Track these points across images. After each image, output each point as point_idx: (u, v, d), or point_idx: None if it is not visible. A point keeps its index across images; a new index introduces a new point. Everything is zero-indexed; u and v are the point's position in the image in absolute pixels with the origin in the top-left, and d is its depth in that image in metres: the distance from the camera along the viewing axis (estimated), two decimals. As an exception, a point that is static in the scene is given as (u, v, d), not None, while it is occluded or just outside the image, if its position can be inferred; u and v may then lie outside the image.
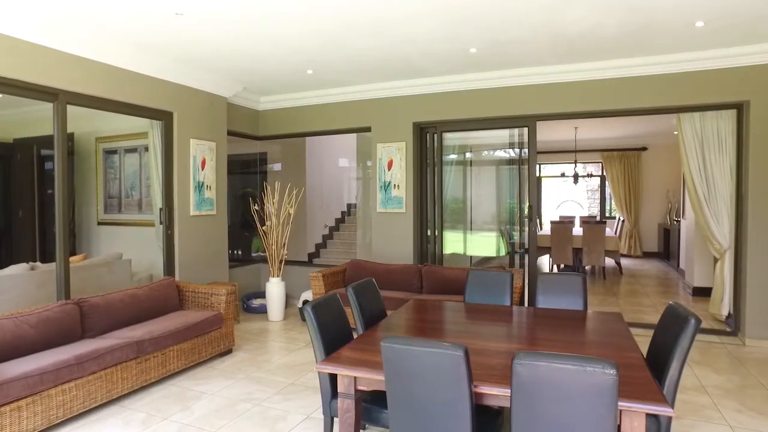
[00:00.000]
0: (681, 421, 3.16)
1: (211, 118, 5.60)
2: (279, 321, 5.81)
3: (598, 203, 12.25)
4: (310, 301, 2.66)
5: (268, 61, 4.91)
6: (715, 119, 5.02)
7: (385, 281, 5.25)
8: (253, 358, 4.48)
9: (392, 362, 1.97)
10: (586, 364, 1.70)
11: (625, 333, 2.71)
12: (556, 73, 5.16)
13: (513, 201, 6.19)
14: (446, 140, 6.09)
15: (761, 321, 4.70)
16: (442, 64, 5.05)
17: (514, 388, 1.79)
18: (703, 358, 4.39)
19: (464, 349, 1.83)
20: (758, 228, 4.69)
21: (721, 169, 5.01)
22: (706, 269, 6.67)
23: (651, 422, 2.27)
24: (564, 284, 3.33)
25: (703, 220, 5.16)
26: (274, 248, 5.79)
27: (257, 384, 3.84)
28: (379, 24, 3.95)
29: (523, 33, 4.16)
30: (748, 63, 4.61)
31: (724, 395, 3.58)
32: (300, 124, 6.55)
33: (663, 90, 4.90)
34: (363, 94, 6.03)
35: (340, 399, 2.29)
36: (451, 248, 6.39)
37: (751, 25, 4.01)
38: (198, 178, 5.39)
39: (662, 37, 4.27)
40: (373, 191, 6.08)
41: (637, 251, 10.99)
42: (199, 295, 4.58)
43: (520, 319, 3.08)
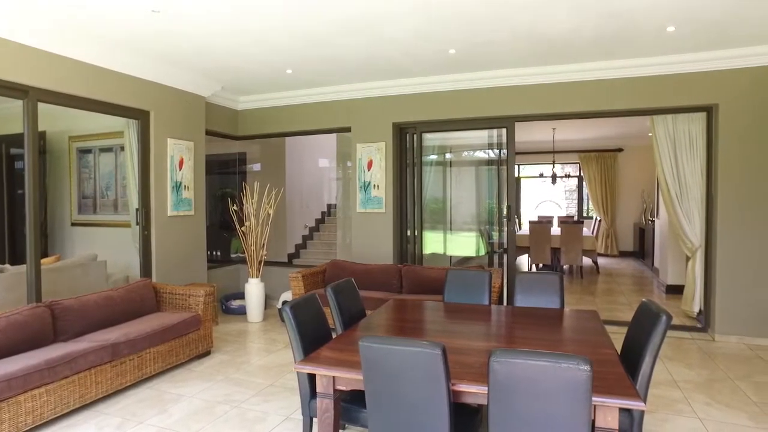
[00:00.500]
0: (654, 415, 3.23)
1: (189, 118, 5.53)
2: (258, 322, 5.77)
3: (576, 203, 12.46)
4: (289, 301, 2.65)
5: (246, 59, 4.87)
6: (687, 121, 5.15)
7: (365, 281, 5.26)
8: (232, 359, 4.43)
9: (370, 361, 1.97)
10: (561, 361, 1.73)
11: (601, 330, 2.76)
12: (534, 75, 5.24)
13: (492, 201, 6.26)
14: (426, 141, 6.12)
15: (730, 317, 4.84)
16: (422, 64, 5.08)
17: (491, 385, 1.81)
18: (675, 354, 4.50)
19: (442, 348, 1.85)
20: (727, 227, 4.83)
21: (693, 169, 5.15)
22: (678, 267, 6.84)
23: (624, 416, 2.32)
24: (541, 283, 3.38)
25: (675, 220, 5.29)
26: (253, 249, 5.75)
27: (236, 386, 3.80)
28: (360, 23, 3.96)
29: (502, 35, 4.21)
30: (716, 68, 4.75)
31: (694, 389, 3.68)
32: (279, 124, 6.51)
33: (637, 92, 5.02)
34: (343, 94, 6.03)
35: (319, 399, 2.29)
36: (431, 248, 6.42)
37: (718, 31, 4.14)
38: (175, 178, 5.32)
39: (636, 40, 4.36)
40: (353, 191, 6.08)
41: (613, 250, 11.21)
42: (176, 297, 4.51)
43: (498, 318, 3.11)
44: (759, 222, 4.73)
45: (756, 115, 4.70)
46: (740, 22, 3.96)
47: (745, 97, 4.72)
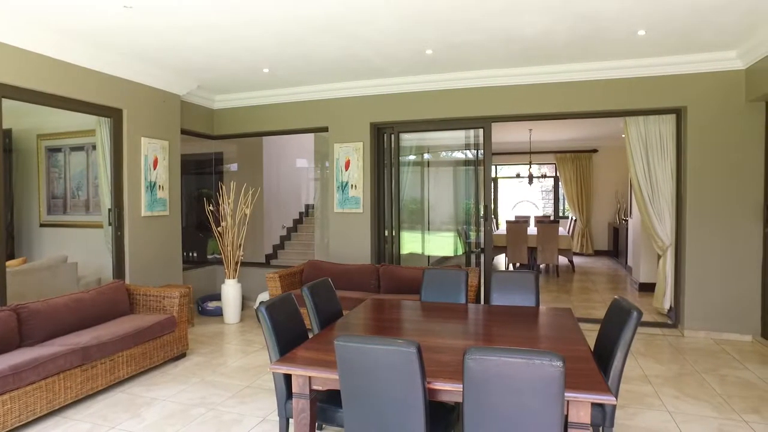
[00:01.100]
0: (625, 409, 3.30)
1: (163, 117, 5.43)
2: (235, 323, 5.70)
3: (552, 203, 12.65)
4: (264, 301, 2.62)
5: (223, 58, 4.82)
6: (658, 123, 5.28)
7: (343, 281, 5.25)
8: (208, 361, 4.37)
9: (346, 360, 1.97)
10: (534, 357, 1.75)
11: (574, 327, 2.81)
12: (510, 76, 5.30)
13: (469, 201, 6.31)
14: (403, 141, 6.14)
15: (698, 313, 4.98)
16: (399, 64, 5.10)
17: (466, 382, 1.83)
18: (647, 350, 4.60)
19: (417, 346, 1.86)
20: (695, 226, 4.97)
21: (663, 170, 5.28)
22: (650, 266, 7.00)
23: (597, 411, 2.37)
24: (517, 282, 3.42)
25: (647, 219, 5.41)
26: (229, 249, 5.68)
27: (212, 388, 3.75)
28: (338, 23, 3.95)
29: (478, 36, 4.25)
30: (685, 71, 4.88)
31: (664, 383, 3.77)
32: (256, 123, 6.45)
33: (611, 94, 5.12)
34: (320, 93, 6.00)
35: (295, 399, 2.27)
36: (409, 248, 6.45)
37: (686, 36, 4.25)
38: (150, 177, 5.22)
39: (609, 43, 4.45)
40: (331, 191, 6.06)
41: (588, 249, 11.41)
42: (150, 299, 4.43)
43: (474, 317, 3.14)
44: (725, 221, 4.87)
45: (721, 117, 4.85)
46: (707, 28, 4.08)
47: (712, 100, 4.86)
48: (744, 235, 4.83)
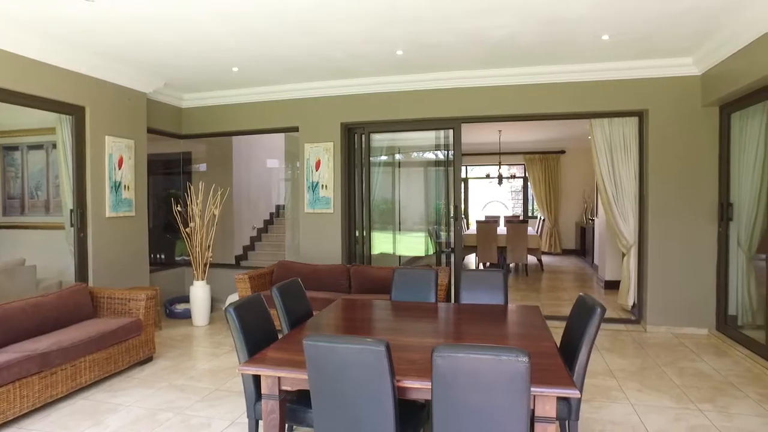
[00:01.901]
0: (590, 403, 3.39)
1: (128, 115, 5.29)
2: (204, 326, 5.60)
3: (522, 203, 12.87)
4: (232, 302, 2.59)
5: (190, 56, 4.73)
6: (621, 125, 5.44)
7: (314, 282, 5.22)
8: (176, 365, 4.28)
9: (315, 360, 1.96)
10: (501, 354, 1.78)
11: (541, 324, 2.87)
12: (480, 78, 5.37)
13: (440, 202, 6.36)
14: (374, 141, 6.15)
15: (659, 309, 5.16)
16: (370, 65, 5.10)
17: (434, 379, 1.85)
18: (612, 345, 4.74)
19: (386, 345, 1.87)
20: (657, 226, 5.14)
21: (627, 171, 5.45)
22: (615, 264, 7.19)
23: (563, 405, 2.42)
24: (486, 280, 3.46)
25: (612, 219, 5.57)
26: (198, 251, 5.58)
27: (180, 391, 3.67)
28: (308, 23, 3.93)
29: (448, 37, 4.29)
30: (646, 75, 5.05)
31: (627, 377, 3.89)
32: (226, 122, 6.36)
33: (577, 96, 5.25)
34: (290, 93, 5.96)
35: (264, 400, 2.25)
36: (380, 248, 6.46)
37: (647, 41, 4.40)
38: (114, 177, 5.08)
39: (575, 47, 4.57)
40: (301, 192, 6.03)
41: (556, 249, 11.66)
42: (115, 302, 4.31)
43: (443, 315, 3.17)
44: (683, 221, 5.06)
45: (679, 121, 5.03)
46: (665, 34, 4.23)
47: (671, 104, 5.04)
48: (701, 234, 5.03)
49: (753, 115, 4.49)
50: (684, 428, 3.05)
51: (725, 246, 4.91)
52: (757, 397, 3.50)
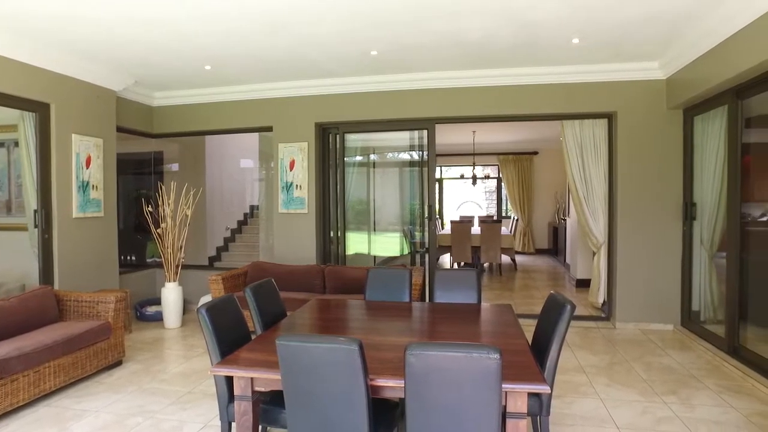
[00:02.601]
0: (562, 399, 3.46)
1: (97, 113, 5.16)
2: (176, 328, 5.50)
3: (495, 204, 13.04)
4: (205, 303, 2.56)
5: (162, 53, 4.64)
6: (592, 127, 5.57)
7: (288, 282, 5.18)
8: (147, 368, 4.19)
9: (288, 360, 1.95)
10: (473, 351, 1.81)
11: (514, 322, 2.91)
12: (454, 79, 5.43)
13: (415, 202, 6.40)
14: (349, 141, 6.15)
15: (627, 306, 5.30)
16: (344, 65, 5.10)
17: (407, 377, 1.86)
18: (583, 342, 4.85)
19: (358, 343, 1.87)
20: (625, 225, 5.28)
21: (597, 171, 5.58)
22: (586, 263, 7.36)
23: (534, 401, 2.46)
24: (459, 280, 3.50)
25: (583, 218, 5.70)
26: (169, 252, 5.47)
27: (150, 395, 3.60)
28: (282, 21, 3.90)
29: (423, 38, 4.32)
30: (615, 78, 5.19)
31: (597, 373, 3.99)
32: (198, 122, 6.26)
33: (549, 98, 5.36)
34: (264, 92, 5.91)
35: (237, 402, 2.23)
36: (355, 249, 6.46)
37: (615, 46, 4.53)
38: (82, 177, 4.95)
39: (547, 50, 4.66)
40: (275, 192, 5.98)
41: (530, 248, 11.85)
42: (83, 305, 4.19)
43: (417, 314, 3.19)
44: (650, 220, 5.22)
45: (646, 123, 5.19)
46: (633, 40, 4.36)
47: (638, 107, 5.19)
48: (666, 233, 5.19)
49: (713, 119, 4.66)
50: (650, 420, 3.14)
51: (689, 244, 5.08)
52: (716, 389, 3.65)
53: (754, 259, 4.20)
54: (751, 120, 4.24)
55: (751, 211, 4.28)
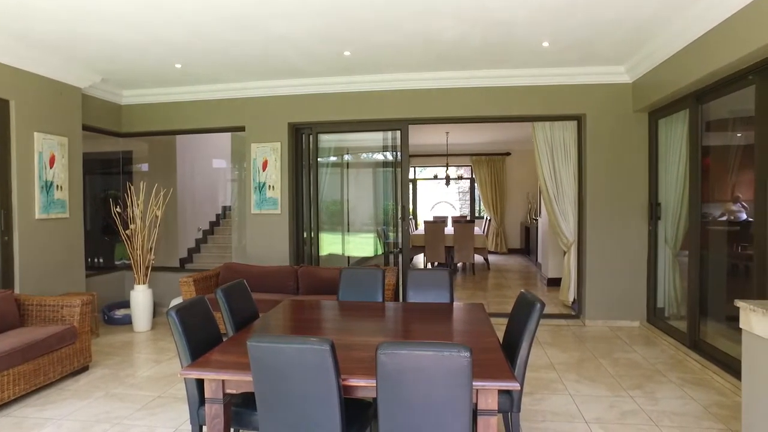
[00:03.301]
0: (532, 396, 3.53)
1: (61, 110, 5.01)
2: (146, 331, 5.38)
3: (469, 204, 13.18)
4: (175, 305, 2.51)
5: (129, 49, 4.53)
6: (562, 129, 5.69)
7: (261, 283, 5.14)
8: (114, 373, 4.09)
9: (259, 361, 1.94)
10: (443, 349, 1.83)
11: (485, 321, 2.95)
12: (427, 80, 5.47)
13: (389, 202, 6.42)
14: (323, 142, 6.14)
15: (596, 304, 5.43)
16: (318, 65, 5.08)
17: (379, 376, 1.87)
18: (553, 340, 4.95)
19: (330, 343, 1.87)
20: (594, 224, 5.42)
21: (567, 172, 5.70)
22: (557, 262, 7.51)
23: (505, 398, 2.50)
24: (431, 279, 3.53)
25: (553, 218, 5.82)
26: (139, 253, 5.35)
27: (118, 401, 3.52)
28: (254, 20, 3.86)
29: (396, 39, 4.34)
30: (584, 81, 5.31)
31: (567, 369, 4.08)
32: (169, 121, 6.15)
33: (520, 100, 5.45)
34: (237, 92, 5.84)
35: (208, 405, 2.20)
36: (328, 249, 6.44)
37: (583, 49, 4.64)
38: (45, 177, 4.79)
39: (518, 52, 4.74)
40: (248, 192, 5.91)
41: (502, 248, 12.01)
42: (46, 309, 4.06)
43: (390, 314, 3.21)
44: (618, 220, 5.36)
45: (614, 125, 5.33)
46: (600, 44, 4.47)
47: (606, 110, 5.33)
48: (633, 233, 5.35)
49: (676, 122, 4.82)
50: (616, 414, 3.23)
51: (654, 243, 5.24)
52: (678, 381, 3.79)
53: (713, 257, 4.37)
54: (710, 124, 4.41)
55: (711, 211, 4.45)
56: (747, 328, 2.34)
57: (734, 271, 4.27)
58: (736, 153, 4.26)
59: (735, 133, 4.31)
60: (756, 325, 2.26)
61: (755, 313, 2.26)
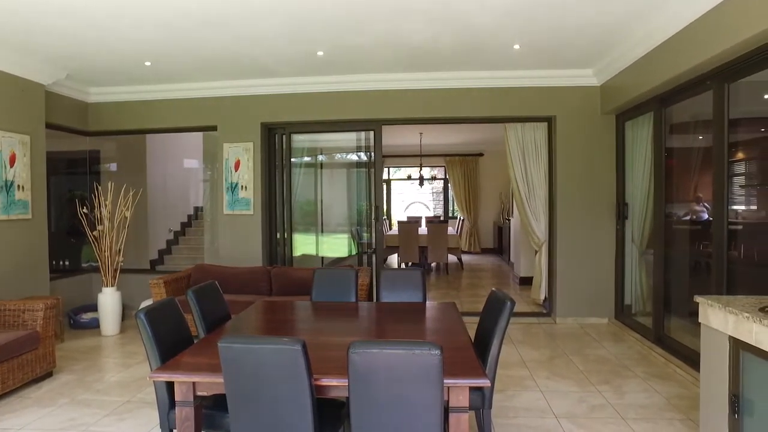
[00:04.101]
0: (504, 392, 3.59)
1: (22, 107, 4.85)
2: (114, 335, 5.26)
3: (443, 204, 13.29)
4: (144, 307, 2.47)
5: (96, 46, 4.41)
6: (533, 130, 5.80)
7: (234, 285, 5.08)
8: (81, 378, 3.98)
9: (230, 362, 1.92)
10: (414, 348, 1.85)
11: (457, 320, 2.99)
12: (400, 81, 5.50)
13: (362, 203, 6.43)
14: (296, 142, 6.11)
15: (567, 302, 5.56)
16: (290, 65, 5.06)
17: (351, 376, 1.88)
18: (525, 338, 5.03)
19: (302, 343, 1.87)
20: (564, 224, 5.54)
21: (538, 173, 5.81)
22: (529, 261, 7.64)
23: (476, 395, 2.54)
24: (404, 279, 3.55)
25: (525, 218, 5.92)
26: (107, 255, 5.22)
27: (84, 407, 3.42)
28: (224, 19, 3.82)
29: (368, 40, 4.35)
30: (554, 84, 5.43)
31: (538, 366, 4.16)
32: (138, 120, 6.02)
33: (492, 102, 5.53)
34: (209, 91, 5.76)
35: (178, 408, 2.17)
36: (302, 250, 6.41)
37: (553, 53, 4.74)
38: (5, 176, 4.63)
39: (489, 55, 4.81)
40: (220, 193, 5.84)
41: (476, 248, 12.15)
42: (6, 314, 3.93)
43: (363, 314, 3.22)
44: (587, 220, 5.50)
45: (582, 127, 5.46)
46: (567, 48, 4.58)
47: (575, 112, 5.46)
48: (602, 232, 5.49)
49: (642, 124, 4.97)
50: (585, 408, 3.32)
51: (622, 242, 5.39)
52: (644, 376, 3.91)
53: (677, 256, 4.52)
54: (674, 126, 4.57)
55: (675, 210, 4.61)
56: (705, 323, 2.43)
57: (697, 268, 4.42)
58: (698, 155, 4.42)
59: (697, 136, 4.47)
60: (713, 319, 2.36)
61: (712, 308, 2.35)
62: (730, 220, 3.63)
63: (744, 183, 3.82)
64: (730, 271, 3.59)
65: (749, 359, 2.15)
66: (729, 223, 3.60)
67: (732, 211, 3.69)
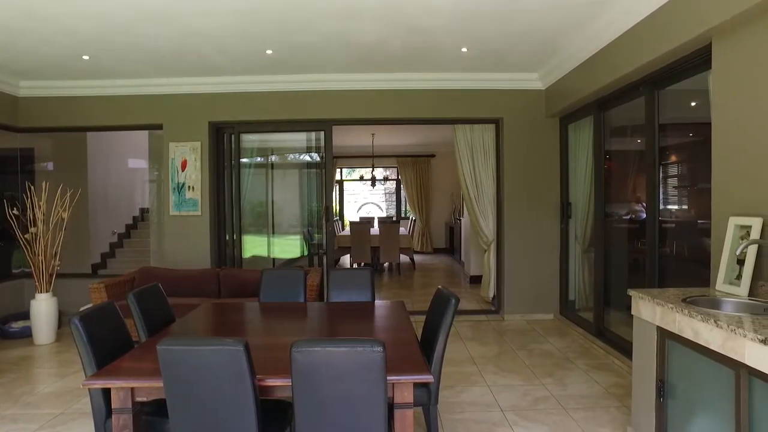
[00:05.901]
0: (453, 388, 3.66)
1: (-54, 103, 4.52)
2: (49, 344, 4.98)
3: (395, 205, 13.39)
4: (79, 312, 2.36)
5: (27, 37, 4.16)
6: (481, 131, 5.95)
7: (181, 287, 4.93)
8: (8, 392, 3.74)
9: (170, 366, 1.87)
10: (357, 345, 1.86)
11: (405, 318, 3.02)
12: (350, 81, 5.51)
13: (314, 204, 6.39)
14: (246, 142, 6.00)
15: (514, 299, 5.73)
16: (239, 63, 4.96)
17: (294, 375, 1.87)
18: (474, 335, 5.15)
19: (244, 344, 1.84)
20: (511, 224, 5.71)
21: (486, 173, 5.96)
22: (479, 260, 7.80)
23: (423, 392, 2.58)
24: (354, 279, 3.56)
25: (474, 218, 6.05)
26: (41, 259, 4.94)
27: (11, 423, 3.21)
28: (167, 13, 3.70)
29: (317, 39, 4.33)
30: (502, 87, 5.59)
31: (486, 362, 4.27)
32: (77, 116, 5.73)
33: (441, 103, 5.63)
34: (154, 88, 5.57)
35: (115, 416, 2.08)
36: (253, 251, 6.30)
37: (499, 56, 4.88)
38: (-74, 176, 4.30)
39: (439, 57, 4.89)
40: (167, 193, 5.65)
41: (428, 248, 12.30)
42: (-73, 322, 3.65)
43: (311, 314, 3.20)
44: (533, 219, 5.69)
45: (529, 129, 5.65)
46: (513, 52, 4.73)
47: (521, 114, 5.64)
48: (547, 231, 5.69)
49: (583, 127, 5.20)
50: (530, 401, 3.43)
51: (566, 240, 5.61)
52: (585, 367, 4.09)
53: (616, 253, 4.75)
54: (613, 130, 4.81)
55: (617, 210, 4.84)
56: (637, 314, 2.58)
57: (635, 264, 4.66)
58: (635, 158, 4.67)
59: (635, 140, 4.72)
60: (643, 310, 2.50)
61: (643, 300, 2.50)
62: (663, 219, 3.86)
63: (676, 184, 4.08)
64: (662, 266, 3.82)
65: (673, 347, 2.30)
66: (661, 222, 3.83)
67: (666, 211, 3.93)
